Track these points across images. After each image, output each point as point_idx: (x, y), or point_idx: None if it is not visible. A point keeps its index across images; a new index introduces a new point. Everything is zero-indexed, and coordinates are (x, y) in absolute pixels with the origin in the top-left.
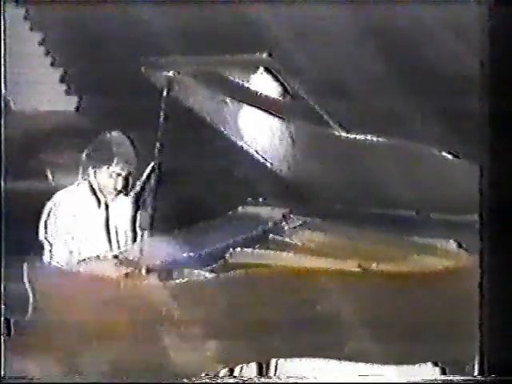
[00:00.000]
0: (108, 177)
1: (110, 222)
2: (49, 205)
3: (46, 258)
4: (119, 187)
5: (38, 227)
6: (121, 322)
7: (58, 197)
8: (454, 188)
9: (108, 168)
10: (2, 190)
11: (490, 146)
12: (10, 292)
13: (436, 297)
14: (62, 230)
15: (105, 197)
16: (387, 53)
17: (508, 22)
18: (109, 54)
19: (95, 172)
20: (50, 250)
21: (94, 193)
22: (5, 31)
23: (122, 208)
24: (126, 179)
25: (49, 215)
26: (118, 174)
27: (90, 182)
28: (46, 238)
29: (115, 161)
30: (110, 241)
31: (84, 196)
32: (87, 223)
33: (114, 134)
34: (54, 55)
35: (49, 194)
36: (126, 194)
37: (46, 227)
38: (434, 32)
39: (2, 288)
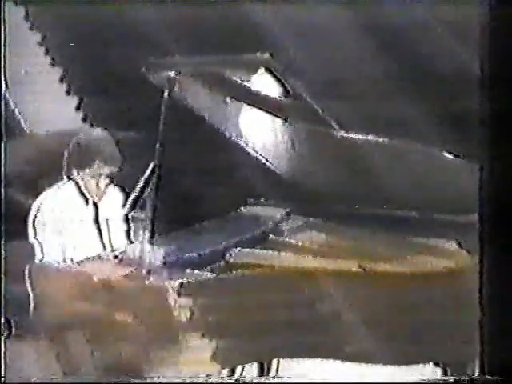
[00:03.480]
0: (91, 177)
1: (100, 218)
2: (35, 204)
3: (38, 257)
4: (102, 187)
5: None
6: (121, 322)
7: (44, 196)
8: (454, 188)
9: (90, 169)
10: (2, 191)
11: (490, 146)
12: (10, 292)
13: (437, 297)
14: (51, 229)
15: (91, 194)
16: (387, 53)
17: (508, 22)
18: (109, 53)
19: (78, 172)
20: (41, 250)
21: (81, 191)
22: (5, 31)
23: (112, 203)
24: (110, 178)
25: (36, 215)
26: (100, 174)
27: (75, 181)
28: (35, 238)
29: (96, 162)
30: (101, 237)
31: (71, 194)
32: (77, 221)
33: (95, 133)
34: (54, 55)
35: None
36: (121, 187)
37: (34, 227)
38: (434, 32)
39: (3, 288)
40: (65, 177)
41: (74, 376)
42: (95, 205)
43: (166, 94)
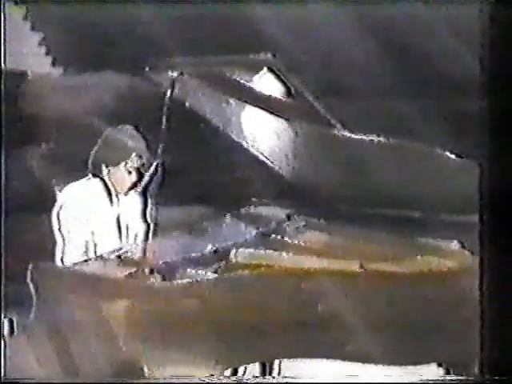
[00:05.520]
0: (126, 173)
1: (121, 218)
2: (60, 198)
3: (58, 254)
4: (135, 180)
5: (40, 226)
6: (123, 322)
7: (69, 191)
8: (455, 188)
9: (125, 164)
10: (3, 188)
11: (490, 145)
12: (13, 292)
13: (439, 297)
14: (76, 226)
15: (117, 192)
16: (388, 53)
17: (508, 22)
18: (110, 53)
19: (109, 169)
20: (64, 247)
21: (107, 189)
22: (5, 31)
23: (133, 203)
24: (140, 172)
25: (61, 209)
26: (134, 168)
27: (102, 178)
28: (59, 232)
29: (133, 156)
30: (120, 237)
31: (96, 192)
32: (100, 219)
33: (124, 128)
34: (54, 55)
35: (51, 191)
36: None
37: (58, 221)
38: (434, 32)
39: (3, 288)
40: (90, 174)
41: (74, 376)
42: (118, 204)
43: (168, 94)
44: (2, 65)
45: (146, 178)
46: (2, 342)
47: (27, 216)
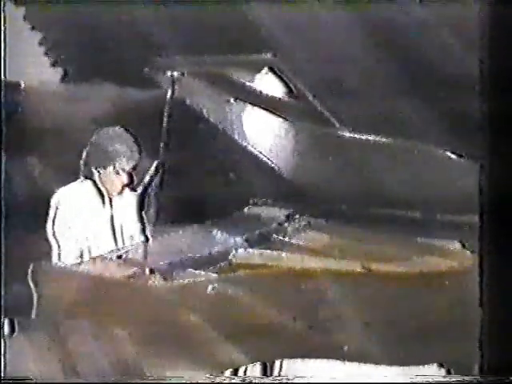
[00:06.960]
0: (115, 174)
1: (115, 219)
2: (54, 202)
3: (54, 258)
4: (125, 182)
5: (40, 225)
6: (123, 322)
7: (62, 194)
8: (455, 188)
9: (114, 166)
10: (2, 186)
11: (490, 145)
12: (13, 292)
13: (439, 297)
14: (69, 229)
15: (109, 194)
16: (388, 53)
17: (508, 22)
18: (110, 54)
19: (99, 171)
20: (59, 251)
21: (99, 190)
22: (5, 31)
23: (128, 204)
24: (131, 173)
25: (56, 212)
26: (124, 170)
27: (93, 180)
28: (54, 236)
29: (121, 158)
30: (115, 238)
31: (88, 194)
32: (93, 222)
33: (114, 129)
34: (54, 55)
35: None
36: (133, 189)
37: (53, 225)
38: (434, 32)
39: (3, 288)
40: (81, 176)
41: (74, 376)
42: (111, 205)
43: (169, 94)
44: (2, 65)
45: (146, 178)
46: (2, 342)
47: (27, 216)
